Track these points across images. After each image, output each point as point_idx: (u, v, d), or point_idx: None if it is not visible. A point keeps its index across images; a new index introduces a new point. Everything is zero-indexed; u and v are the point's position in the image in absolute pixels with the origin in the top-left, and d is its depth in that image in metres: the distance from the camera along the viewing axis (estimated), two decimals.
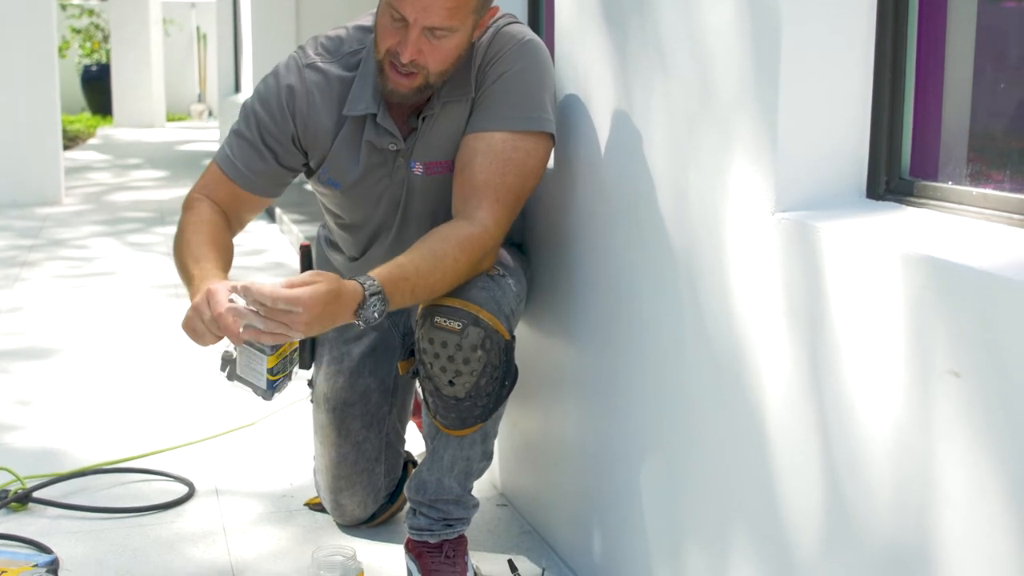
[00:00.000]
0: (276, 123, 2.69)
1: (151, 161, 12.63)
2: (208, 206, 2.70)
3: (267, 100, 2.71)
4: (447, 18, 2.46)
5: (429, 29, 2.47)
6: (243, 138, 2.72)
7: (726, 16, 2.08)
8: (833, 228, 1.81)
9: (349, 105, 2.65)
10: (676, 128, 2.27)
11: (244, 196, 2.73)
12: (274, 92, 2.70)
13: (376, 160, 2.70)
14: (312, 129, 2.70)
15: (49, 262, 6.85)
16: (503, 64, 2.62)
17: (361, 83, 2.65)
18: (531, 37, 2.67)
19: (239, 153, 2.72)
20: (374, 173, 2.71)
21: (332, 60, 2.70)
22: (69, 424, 3.96)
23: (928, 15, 1.94)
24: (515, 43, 2.63)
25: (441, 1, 2.44)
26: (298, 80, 2.69)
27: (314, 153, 2.73)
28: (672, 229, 2.30)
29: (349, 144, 2.69)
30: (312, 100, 2.68)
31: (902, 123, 1.97)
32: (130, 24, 16.92)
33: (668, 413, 2.36)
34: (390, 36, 2.51)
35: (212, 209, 2.70)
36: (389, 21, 2.49)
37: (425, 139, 2.66)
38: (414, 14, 2.45)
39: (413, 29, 2.46)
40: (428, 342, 2.51)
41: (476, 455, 2.66)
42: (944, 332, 1.58)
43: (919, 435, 1.64)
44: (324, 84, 2.68)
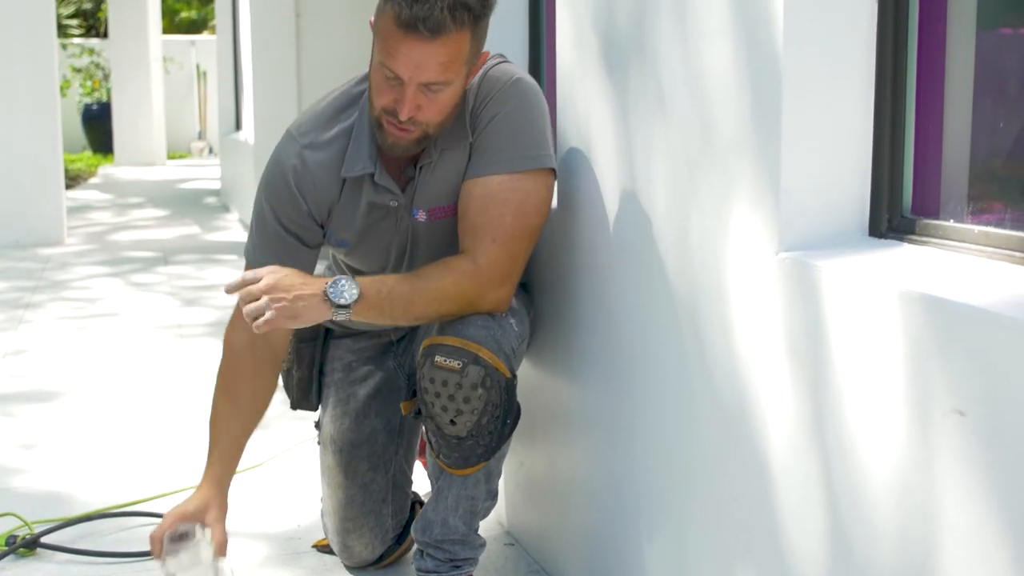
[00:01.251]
0: (290, 206, 2.71)
1: (152, 200, 12.66)
2: (240, 343, 2.78)
3: (275, 187, 2.73)
4: (441, 73, 2.47)
5: (425, 85, 2.48)
6: (263, 230, 2.75)
7: (725, 57, 2.09)
8: (834, 267, 1.82)
9: (346, 167, 2.67)
10: (677, 169, 2.28)
11: None
12: (279, 178, 2.72)
13: (378, 215, 2.72)
14: (321, 201, 2.71)
15: (52, 303, 6.86)
16: (494, 106, 2.63)
17: (356, 144, 2.66)
18: (519, 76, 2.68)
19: (263, 245, 2.75)
20: (378, 226, 2.73)
21: (326, 130, 2.71)
22: (75, 467, 3.96)
23: (927, 54, 1.96)
24: (504, 83, 2.65)
25: (435, 57, 2.44)
26: (299, 160, 2.70)
27: (327, 222, 2.75)
28: (675, 269, 2.31)
29: (351, 204, 2.71)
30: (315, 176, 2.69)
31: (903, 161, 1.98)
32: (130, 62, 16.98)
33: (673, 451, 2.37)
34: (385, 94, 2.51)
35: (243, 349, 2.78)
36: (383, 79, 2.50)
37: (424, 187, 2.68)
38: (408, 72, 2.46)
39: (409, 87, 2.47)
40: (429, 381, 2.52)
41: (481, 494, 2.66)
42: (946, 371, 1.59)
43: (921, 473, 1.64)
44: (323, 158, 2.70)
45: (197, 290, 7.25)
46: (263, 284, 2.45)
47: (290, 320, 2.45)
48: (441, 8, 2.40)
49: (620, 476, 2.62)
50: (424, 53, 2.43)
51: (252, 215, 2.80)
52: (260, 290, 2.44)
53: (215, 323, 6.21)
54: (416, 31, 2.40)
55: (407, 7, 2.40)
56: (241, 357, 2.77)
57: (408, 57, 2.44)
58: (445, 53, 2.44)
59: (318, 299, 2.45)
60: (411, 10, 2.40)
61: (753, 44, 2.01)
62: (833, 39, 1.97)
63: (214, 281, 7.50)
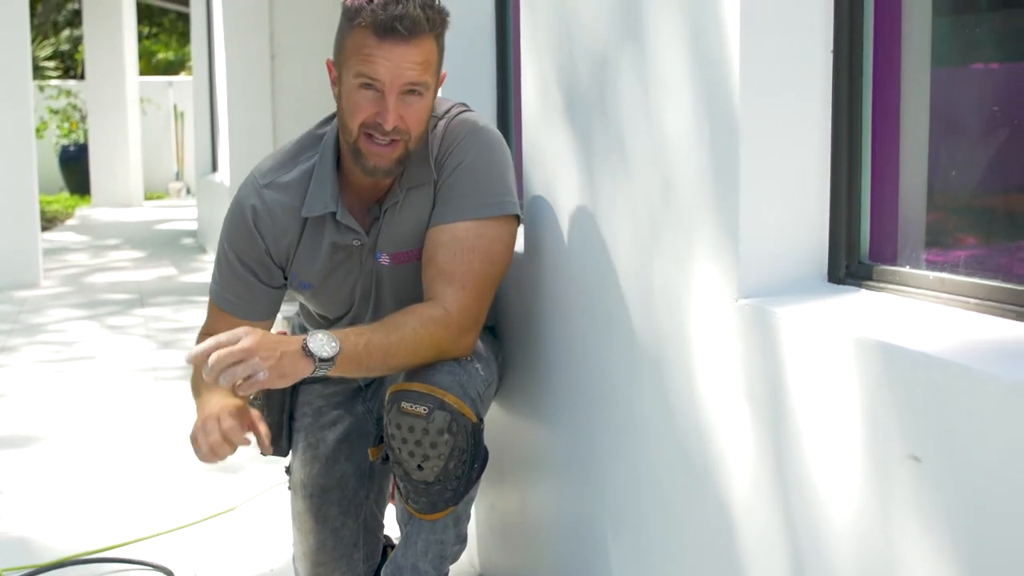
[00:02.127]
0: (248, 245, 2.75)
1: (129, 241, 12.66)
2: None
3: (235, 226, 2.77)
4: (420, 74, 2.53)
5: (406, 89, 2.52)
6: (224, 269, 2.79)
7: (684, 109, 2.12)
8: (791, 314, 1.85)
9: (307, 207, 2.69)
10: (639, 218, 2.30)
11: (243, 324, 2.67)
12: (239, 217, 2.76)
13: (341, 256, 2.74)
14: (280, 242, 2.74)
15: (29, 347, 6.85)
16: (460, 154, 2.66)
17: (318, 184, 2.69)
18: (484, 124, 2.73)
19: (225, 284, 2.79)
20: (341, 268, 2.76)
21: (287, 171, 2.75)
22: (48, 513, 3.96)
23: (882, 102, 1.99)
24: (468, 131, 2.69)
25: (412, 57, 2.51)
26: (258, 200, 2.74)
27: (287, 263, 2.78)
28: (638, 316, 2.33)
29: (313, 245, 2.73)
30: (275, 215, 2.73)
31: (860, 207, 2.01)
32: (107, 103, 16.98)
33: (639, 492, 2.39)
34: (363, 110, 2.55)
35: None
36: (360, 95, 2.54)
37: (389, 229, 2.70)
38: (389, 75, 2.50)
39: (390, 94, 2.52)
40: (395, 427, 2.53)
41: (450, 539, 2.67)
42: (902, 417, 1.61)
43: (879, 516, 1.66)
44: (283, 198, 2.73)
45: (173, 332, 7.25)
46: (246, 344, 2.35)
47: (280, 379, 2.39)
48: (416, 7, 2.49)
49: (590, 516, 2.63)
50: (402, 54, 2.50)
51: (216, 255, 2.83)
52: (243, 350, 2.34)
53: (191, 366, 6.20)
54: (394, 33, 2.48)
55: (382, 11, 2.48)
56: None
57: (388, 60, 2.50)
58: (420, 53, 2.52)
59: (299, 355, 2.41)
60: (386, 12, 2.48)
61: (711, 97, 2.04)
62: (788, 90, 2.00)
63: (190, 323, 7.50)
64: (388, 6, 2.48)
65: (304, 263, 2.76)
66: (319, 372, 2.43)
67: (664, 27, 2.19)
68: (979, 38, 1.92)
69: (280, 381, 2.41)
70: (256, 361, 2.34)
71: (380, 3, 2.49)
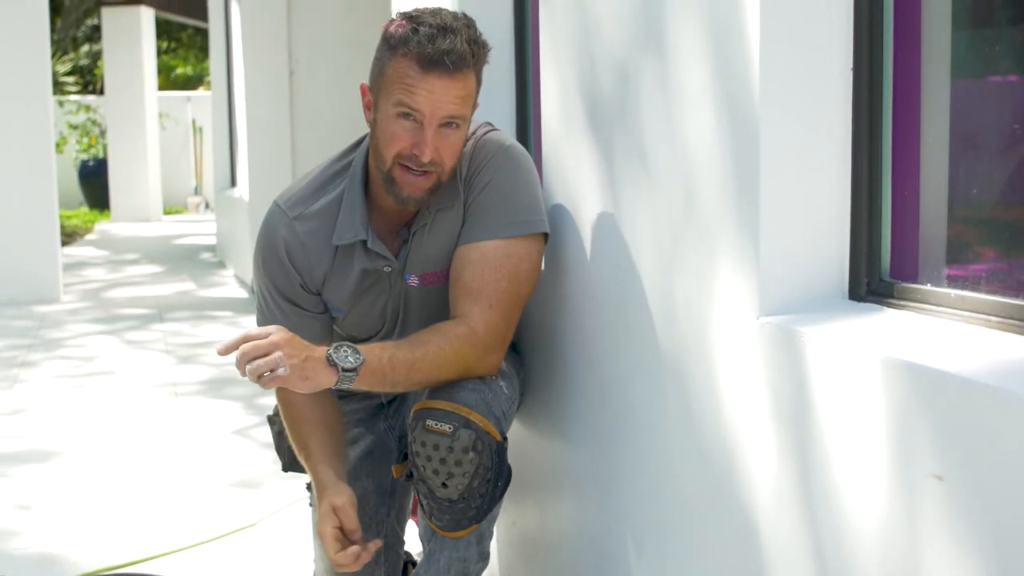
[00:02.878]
0: (284, 278, 2.74)
1: (148, 256, 12.69)
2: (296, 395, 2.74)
3: (269, 261, 2.76)
4: (460, 107, 2.54)
5: (444, 122, 2.53)
6: (268, 304, 2.78)
7: (705, 123, 2.13)
8: (816, 333, 1.85)
9: (337, 234, 2.69)
10: (661, 233, 2.31)
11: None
12: (271, 252, 2.75)
13: (371, 281, 2.74)
14: (315, 272, 2.73)
15: (48, 362, 6.87)
16: (488, 173, 2.67)
17: (347, 211, 2.69)
18: (511, 143, 2.73)
19: (272, 319, 2.74)
20: (371, 292, 2.76)
21: (314, 200, 2.74)
22: (70, 528, 3.97)
23: (902, 118, 1.99)
24: (496, 150, 2.69)
25: (454, 91, 2.51)
26: (289, 232, 2.73)
27: (322, 290, 2.77)
28: (661, 332, 2.33)
29: (343, 271, 2.73)
30: (307, 247, 2.72)
31: (881, 224, 2.01)
32: (126, 118, 17.02)
33: (660, 508, 2.39)
34: (400, 139, 2.55)
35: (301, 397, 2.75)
36: (398, 125, 2.54)
37: (418, 251, 2.71)
38: (430, 107, 2.51)
39: (429, 127, 2.52)
40: (420, 445, 2.53)
41: (472, 556, 2.67)
42: (925, 436, 1.61)
43: (903, 535, 1.66)
44: (313, 227, 2.72)
45: (192, 347, 7.27)
46: (274, 339, 2.40)
47: (301, 381, 2.40)
48: (462, 42, 2.50)
49: (611, 533, 2.63)
50: (445, 86, 2.50)
51: (256, 295, 2.82)
52: (270, 343, 2.39)
53: (209, 381, 6.23)
54: (440, 66, 2.49)
55: (429, 44, 2.48)
56: (300, 401, 2.76)
57: (431, 92, 2.50)
58: (463, 87, 2.53)
59: (323, 363, 2.44)
60: (434, 45, 2.48)
61: (731, 112, 2.05)
62: (809, 105, 2.00)
63: (209, 338, 7.52)
64: (436, 39, 2.48)
65: (335, 290, 2.75)
66: (342, 383, 2.44)
67: (685, 41, 2.19)
68: (999, 52, 1.91)
69: (302, 384, 2.42)
70: (279, 356, 2.38)
71: (427, 34, 2.49)
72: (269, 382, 2.40)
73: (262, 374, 2.40)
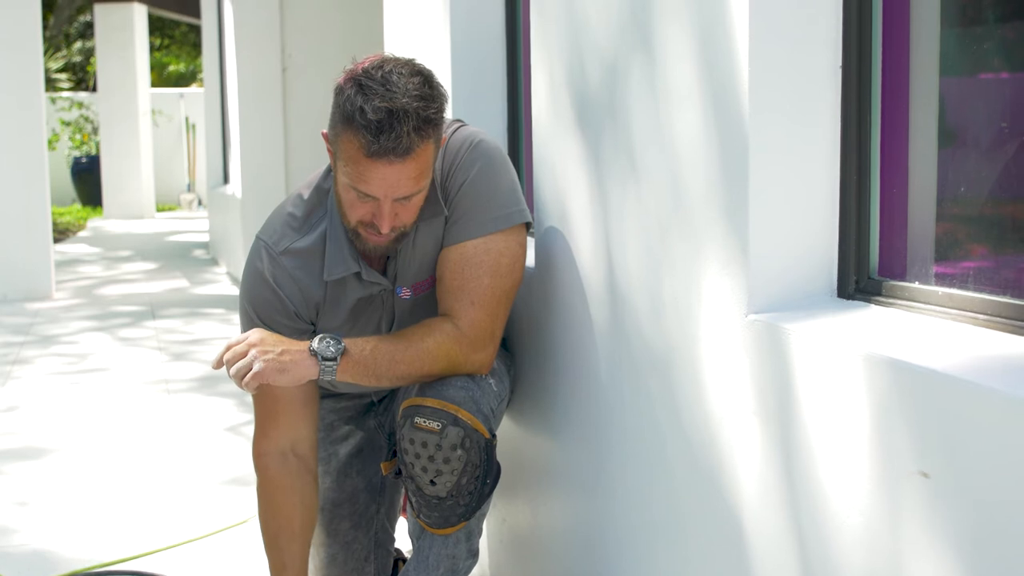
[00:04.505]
0: (276, 309, 2.69)
1: (141, 253, 12.68)
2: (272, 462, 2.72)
3: (259, 293, 2.70)
4: (415, 185, 2.49)
5: (401, 197, 2.49)
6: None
7: (694, 120, 2.13)
8: (802, 330, 1.85)
9: (327, 271, 2.66)
10: (650, 229, 2.31)
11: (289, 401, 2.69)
12: (261, 284, 2.70)
13: (364, 304, 2.73)
14: (309, 302, 2.70)
15: (41, 359, 6.87)
16: (460, 174, 2.65)
17: (334, 246, 2.66)
18: (479, 138, 2.70)
19: None
20: (365, 313, 2.75)
21: (299, 236, 2.70)
22: (64, 525, 3.97)
23: (891, 116, 1.99)
24: (466, 149, 2.67)
25: (407, 174, 2.46)
26: (276, 267, 2.68)
27: (316, 320, 2.74)
28: (649, 330, 2.34)
29: (336, 301, 2.71)
30: (298, 280, 2.68)
31: (869, 222, 2.02)
32: (119, 115, 17.01)
33: (649, 505, 2.39)
34: (359, 209, 2.52)
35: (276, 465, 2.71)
36: (355, 197, 2.50)
37: (406, 263, 2.70)
38: (382, 191, 2.47)
39: (385, 203, 2.48)
40: (408, 442, 2.54)
41: (461, 553, 2.68)
42: (910, 433, 1.62)
43: (889, 531, 1.67)
44: (302, 263, 2.68)
45: (185, 344, 7.26)
46: (250, 339, 2.48)
47: (278, 374, 2.45)
48: (408, 132, 2.41)
49: (601, 530, 2.64)
50: (396, 173, 2.44)
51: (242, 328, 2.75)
52: (247, 344, 2.47)
53: (202, 378, 6.23)
54: (387, 158, 2.42)
55: (374, 140, 2.40)
56: (277, 477, 2.71)
57: (382, 180, 2.45)
58: (415, 167, 2.46)
59: (304, 354, 2.47)
60: (379, 142, 2.40)
61: (720, 111, 2.05)
62: (798, 103, 2.00)
63: (202, 335, 7.52)
64: (382, 134, 2.39)
65: (331, 318, 2.73)
66: (324, 374, 2.46)
67: (674, 40, 2.19)
68: (987, 50, 1.92)
69: (280, 376, 2.45)
70: (253, 353, 2.44)
71: (374, 125, 2.40)
72: (250, 381, 2.42)
73: (243, 376, 2.43)
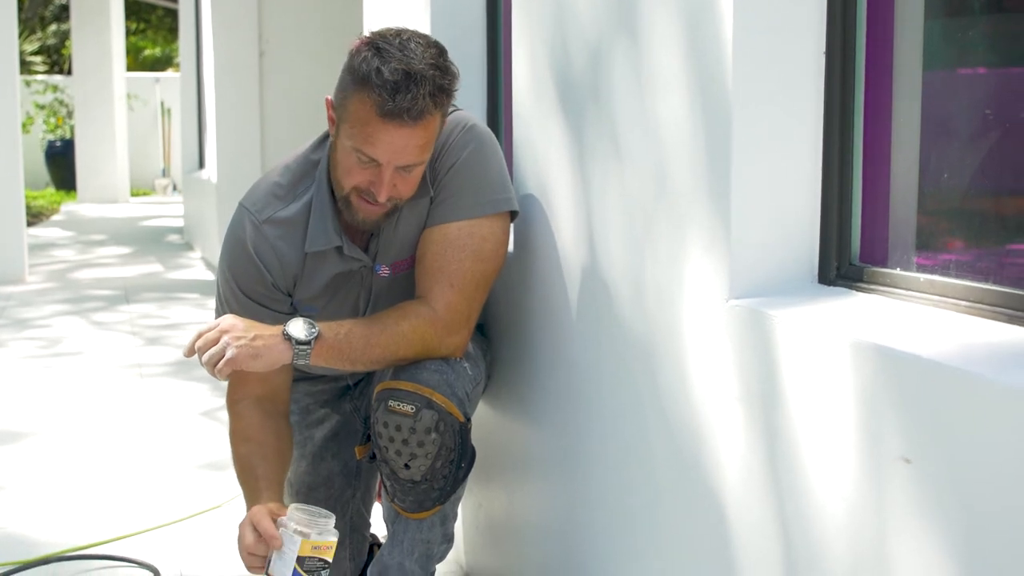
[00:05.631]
0: (255, 279, 2.68)
1: (115, 237, 12.63)
2: (245, 406, 2.70)
3: (238, 262, 2.69)
4: (419, 154, 2.49)
5: (403, 166, 2.49)
6: (231, 306, 2.70)
7: (678, 105, 2.13)
8: (785, 316, 1.85)
9: (310, 242, 2.65)
10: (632, 214, 2.31)
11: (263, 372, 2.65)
12: (241, 252, 2.69)
13: (342, 279, 2.72)
14: (286, 272, 2.69)
15: (15, 343, 6.83)
16: (451, 155, 2.65)
17: (317, 218, 2.65)
18: (473, 122, 2.71)
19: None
20: (344, 288, 2.74)
21: (284, 204, 2.69)
22: (34, 509, 3.95)
23: (874, 104, 1.99)
24: (459, 132, 2.66)
25: (414, 141, 2.46)
26: (258, 235, 2.67)
27: (292, 290, 2.73)
28: (630, 315, 2.33)
29: (315, 273, 2.70)
30: (278, 250, 2.67)
31: (851, 209, 2.02)
32: (94, 99, 16.94)
33: (628, 492, 2.39)
34: (357, 175, 2.51)
35: (249, 408, 2.69)
36: (355, 161, 2.49)
37: (387, 242, 2.69)
38: (388, 157, 2.47)
39: (386, 170, 2.48)
40: (383, 426, 2.53)
41: (436, 537, 2.67)
42: (894, 418, 1.62)
43: (872, 517, 1.67)
44: (284, 233, 2.67)
45: (159, 329, 7.24)
46: (222, 326, 2.47)
47: (251, 359, 2.44)
48: (424, 96, 2.42)
49: (577, 516, 2.63)
50: (405, 138, 2.45)
51: (217, 294, 2.77)
52: (218, 330, 2.45)
53: (176, 363, 6.20)
54: (399, 119, 2.42)
55: (390, 98, 2.40)
56: (250, 415, 2.69)
57: (390, 144, 2.45)
58: (423, 135, 2.47)
59: (278, 339, 2.46)
60: (394, 101, 2.40)
61: (704, 96, 2.04)
62: (782, 90, 2.00)
63: (176, 320, 7.49)
64: (398, 93, 2.40)
65: (307, 290, 2.72)
66: (297, 358, 2.46)
67: (658, 24, 2.19)
68: (971, 42, 1.92)
69: (253, 362, 2.45)
70: (225, 339, 2.43)
71: (391, 85, 2.41)
72: (223, 368, 2.41)
73: (215, 363, 2.42)
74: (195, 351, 2.48)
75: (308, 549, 2.39)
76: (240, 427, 2.70)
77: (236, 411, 2.72)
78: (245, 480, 2.64)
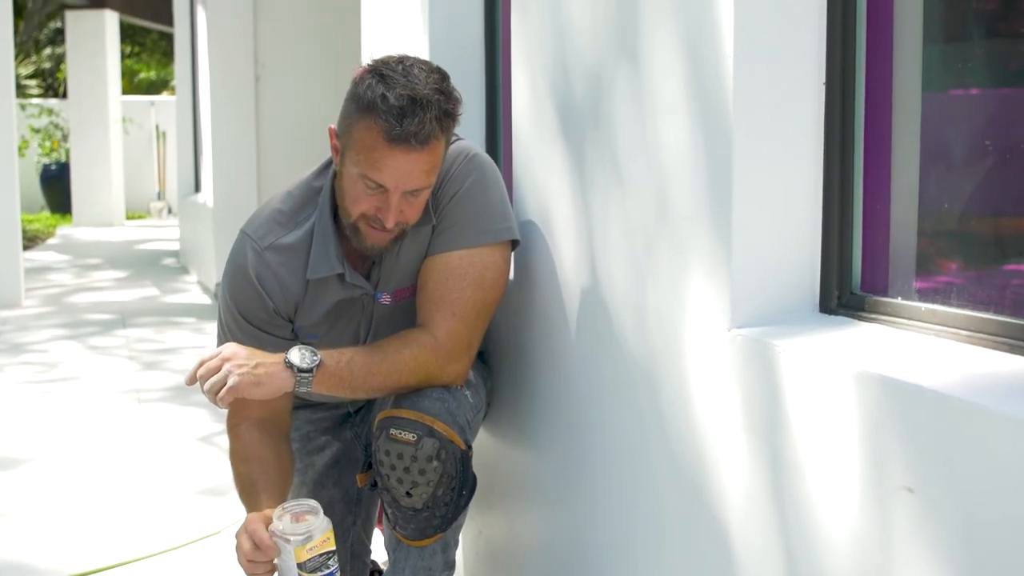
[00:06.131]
0: (257, 306, 2.68)
1: (111, 261, 12.61)
2: (245, 428, 2.68)
3: (240, 289, 2.69)
4: (425, 179, 2.50)
5: (410, 191, 2.50)
6: (233, 333, 2.70)
7: (679, 132, 2.13)
8: (787, 345, 1.85)
9: (311, 269, 2.65)
10: (634, 241, 2.31)
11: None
12: (243, 279, 2.69)
13: (344, 306, 2.72)
14: (288, 299, 2.69)
15: (11, 367, 6.82)
16: (453, 185, 2.65)
17: (320, 245, 2.65)
18: (475, 152, 2.72)
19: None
20: (345, 315, 2.74)
21: (286, 231, 2.69)
22: (37, 536, 3.94)
23: (874, 132, 2.00)
24: (461, 161, 2.67)
25: (420, 166, 2.47)
26: (259, 262, 2.67)
27: (293, 317, 2.73)
28: (632, 341, 2.33)
29: (316, 300, 2.70)
30: (280, 277, 2.67)
31: (852, 238, 2.02)
32: (89, 123, 16.91)
33: (630, 519, 2.39)
34: (364, 201, 2.51)
35: (249, 429, 2.68)
36: (362, 188, 2.50)
37: (389, 270, 2.69)
38: (394, 182, 2.47)
39: (394, 195, 2.48)
40: (384, 454, 2.53)
41: (438, 565, 2.67)
42: (897, 449, 1.62)
43: (875, 547, 1.67)
44: (286, 260, 2.67)
45: (156, 353, 7.23)
46: (223, 354, 2.46)
47: (253, 387, 2.43)
48: (430, 120, 2.43)
49: (579, 543, 2.63)
50: (412, 163, 2.45)
51: (218, 320, 2.77)
52: (220, 359, 2.45)
53: (173, 387, 6.20)
54: (406, 144, 2.43)
55: (397, 123, 2.41)
56: (251, 435, 2.67)
57: (396, 169, 2.45)
58: (429, 160, 2.48)
59: (280, 366, 2.45)
60: (401, 126, 2.41)
61: (705, 122, 2.05)
62: (782, 118, 2.00)
63: (173, 344, 7.48)
64: (405, 118, 2.42)
65: (309, 317, 2.72)
66: (299, 386, 2.46)
67: (659, 51, 2.19)
68: (969, 66, 1.93)
69: (255, 390, 2.44)
70: (227, 368, 2.42)
71: (396, 110, 2.42)
72: (225, 396, 2.41)
73: (217, 391, 2.41)
74: (196, 379, 2.48)
75: (304, 554, 2.40)
76: (239, 447, 2.69)
77: (236, 433, 2.71)
78: (247, 497, 2.63)
